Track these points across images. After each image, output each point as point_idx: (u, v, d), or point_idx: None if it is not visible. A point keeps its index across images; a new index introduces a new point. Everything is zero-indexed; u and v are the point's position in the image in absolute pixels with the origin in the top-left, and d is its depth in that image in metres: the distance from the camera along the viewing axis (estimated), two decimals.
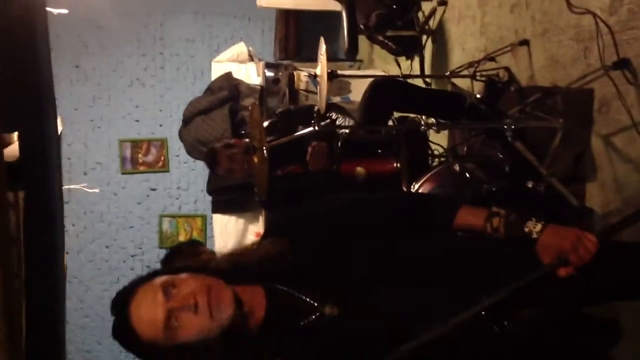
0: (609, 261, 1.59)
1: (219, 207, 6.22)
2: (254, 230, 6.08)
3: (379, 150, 3.40)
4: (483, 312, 1.52)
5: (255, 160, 3.28)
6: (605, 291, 1.65)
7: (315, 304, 1.56)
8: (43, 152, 2.90)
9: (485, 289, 1.54)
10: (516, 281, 1.48)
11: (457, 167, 3.06)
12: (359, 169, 3.32)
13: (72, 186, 6.84)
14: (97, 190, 7.14)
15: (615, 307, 2.34)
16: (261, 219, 5.92)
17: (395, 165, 3.31)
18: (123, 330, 1.53)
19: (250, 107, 3.58)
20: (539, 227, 1.57)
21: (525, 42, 3.47)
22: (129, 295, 1.52)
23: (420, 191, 2.99)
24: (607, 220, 2.69)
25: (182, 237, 7.37)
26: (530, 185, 2.73)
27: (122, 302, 1.52)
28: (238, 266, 1.59)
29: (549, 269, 1.53)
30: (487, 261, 1.62)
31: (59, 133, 6.43)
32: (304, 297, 1.58)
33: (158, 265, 1.99)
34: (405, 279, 1.60)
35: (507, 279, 1.51)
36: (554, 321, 1.64)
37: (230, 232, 6.23)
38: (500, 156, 3.20)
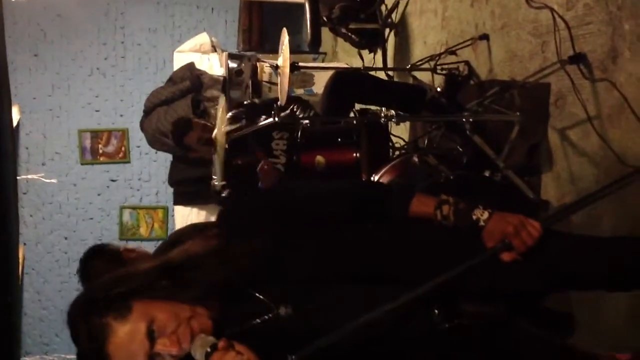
0: (556, 250, 1.61)
1: (181, 198, 6.16)
2: None
3: (339, 140, 3.41)
4: (437, 311, 1.54)
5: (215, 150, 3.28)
6: (554, 281, 1.67)
7: (270, 304, 1.56)
8: None
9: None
10: (458, 266, 1.50)
11: (416, 159, 3.09)
12: (319, 159, 3.32)
13: (30, 176, 6.73)
14: (55, 181, 7.03)
15: (568, 299, 2.39)
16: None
17: (355, 155, 3.32)
18: None
19: (218, 104, 3.58)
20: (486, 214, 1.61)
21: (485, 37, 3.50)
22: (105, 332, 1.48)
23: (379, 182, 3.00)
24: None
25: (143, 229, 7.30)
26: (486, 174, 2.77)
27: (96, 339, 1.48)
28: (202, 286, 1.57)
29: (491, 252, 1.56)
30: (440, 252, 1.64)
31: (16, 122, 6.32)
32: (258, 296, 1.57)
33: None
34: (360, 277, 1.60)
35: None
36: (505, 315, 1.66)
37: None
38: (460, 149, 3.23)
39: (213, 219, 6.52)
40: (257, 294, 1.56)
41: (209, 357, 1.44)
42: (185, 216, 6.25)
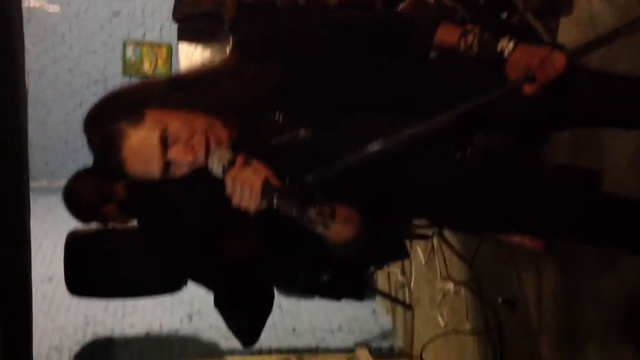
0: (577, 84, 1.61)
1: (186, 35, 6.04)
2: None
3: None
4: (452, 140, 1.55)
5: None
6: (574, 115, 1.68)
7: (290, 125, 1.57)
8: None
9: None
10: (479, 96, 1.50)
11: None
12: None
13: (32, 4, 6.57)
14: (57, 9, 6.86)
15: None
16: (228, 51, 5.81)
17: None
18: (113, 169, 1.53)
19: None
20: (511, 45, 1.58)
21: None
22: (119, 137, 1.49)
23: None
24: None
25: (146, 66, 7.22)
26: (504, 16, 2.71)
27: (111, 144, 1.50)
28: (216, 97, 1.57)
29: (515, 84, 1.55)
30: (461, 84, 1.63)
31: None
32: (278, 117, 1.58)
33: None
34: (380, 106, 1.60)
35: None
36: (519, 148, 1.68)
37: (195, 63, 6.11)
38: None
39: (217, 58, 6.45)
40: (277, 115, 1.57)
41: (226, 171, 1.47)
42: (190, 54, 6.15)
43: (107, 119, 1.51)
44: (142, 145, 1.49)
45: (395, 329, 4.78)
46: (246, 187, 1.43)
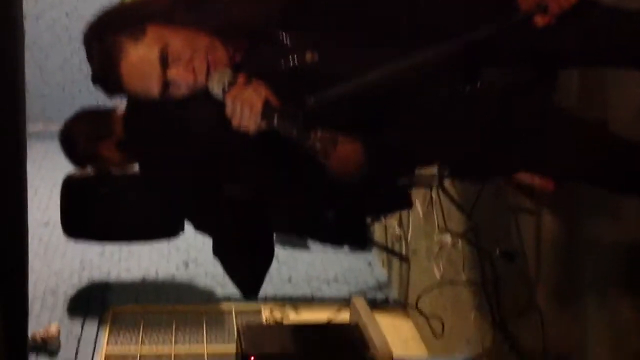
0: (589, 18, 1.57)
1: None
2: None
3: None
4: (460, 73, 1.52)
5: None
6: (586, 51, 1.64)
7: (296, 49, 1.53)
8: None
9: None
10: (489, 25, 1.46)
11: None
12: None
13: None
14: None
15: None
16: None
17: None
18: (111, 85, 1.49)
19: None
20: None
21: None
22: (118, 52, 1.45)
23: None
24: None
25: None
26: None
27: (109, 59, 1.46)
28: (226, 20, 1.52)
29: (526, 15, 1.51)
30: (470, 14, 1.59)
31: None
32: (284, 38, 1.54)
33: None
34: (390, 35, 1.56)
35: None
36: (528, 83, 1.65)
37: None
38: None
39: None
40: (284, 37, 1.53)
41: (227, 92, 1.43)
42: None
43: (107, 33, 1.48)
44: (140, 62, 1.45)
45: (391, 280, 4.80)
46: (246, 107, 1.40)
